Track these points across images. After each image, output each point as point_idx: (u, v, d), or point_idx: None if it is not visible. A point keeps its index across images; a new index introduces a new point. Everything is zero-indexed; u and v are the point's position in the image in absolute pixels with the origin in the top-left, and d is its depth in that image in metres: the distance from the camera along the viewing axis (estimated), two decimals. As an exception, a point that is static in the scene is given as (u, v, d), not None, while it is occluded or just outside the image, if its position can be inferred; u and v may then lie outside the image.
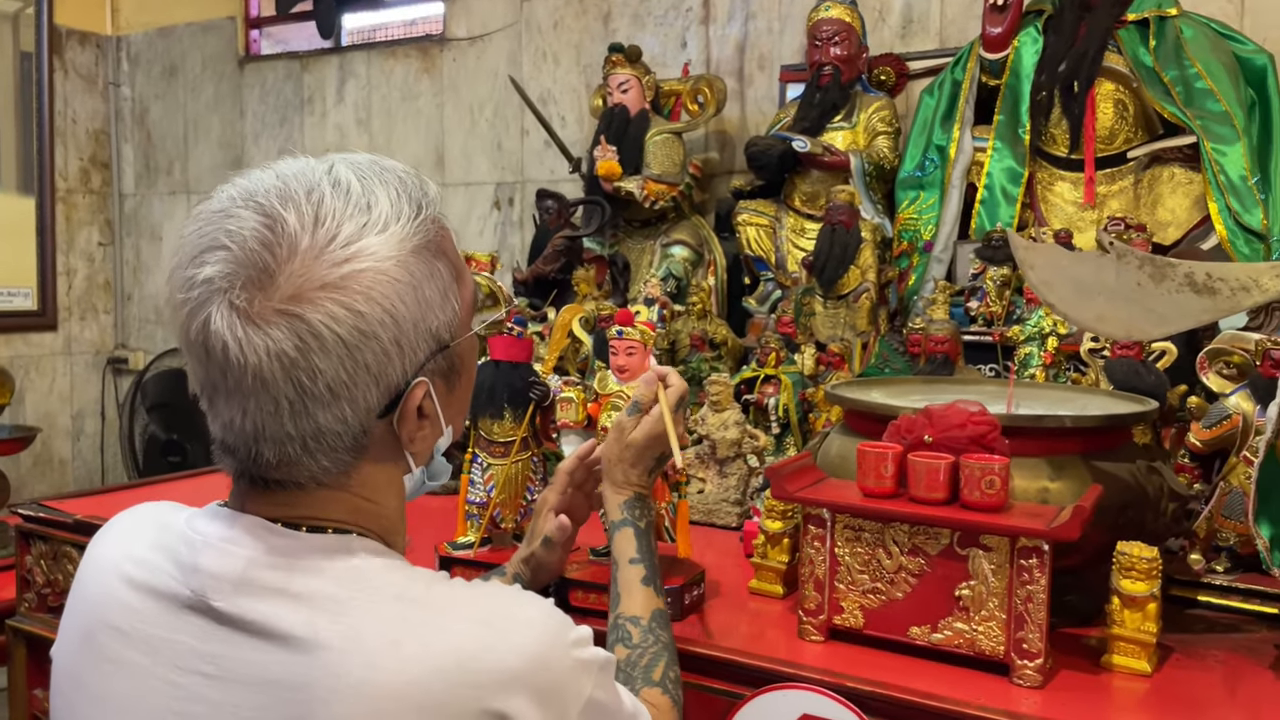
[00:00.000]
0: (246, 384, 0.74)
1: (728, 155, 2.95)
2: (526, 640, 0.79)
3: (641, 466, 1.17)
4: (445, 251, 0.83)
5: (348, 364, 0.75)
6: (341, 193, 0.78)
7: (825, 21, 2.49)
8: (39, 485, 3.98)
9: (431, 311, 0.80)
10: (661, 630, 1.08)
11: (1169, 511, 1.31)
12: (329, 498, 0.82)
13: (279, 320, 0.73)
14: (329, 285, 0.74)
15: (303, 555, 0.79)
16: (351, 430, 0.79)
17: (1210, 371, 1.41)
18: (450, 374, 0.85)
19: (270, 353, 0.73)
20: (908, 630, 1.18)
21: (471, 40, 3.41)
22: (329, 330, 0.74)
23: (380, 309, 0.76)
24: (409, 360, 0.79)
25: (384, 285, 0.76)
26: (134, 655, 0.80)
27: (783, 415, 1.92)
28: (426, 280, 0.79)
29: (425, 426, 0.84)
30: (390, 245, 0.77)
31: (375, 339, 0.76)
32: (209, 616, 0.78)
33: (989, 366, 1.98)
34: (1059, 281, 1.14)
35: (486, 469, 1.40)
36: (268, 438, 0.77)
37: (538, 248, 2.65)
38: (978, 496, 1.14)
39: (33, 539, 1.80)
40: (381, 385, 0.78)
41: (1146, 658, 1.16)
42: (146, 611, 0.80)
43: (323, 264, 0.75)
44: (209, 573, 0.79)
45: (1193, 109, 2.02)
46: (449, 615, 0.78)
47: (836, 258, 2.20)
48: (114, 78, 4.25)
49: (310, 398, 0.75)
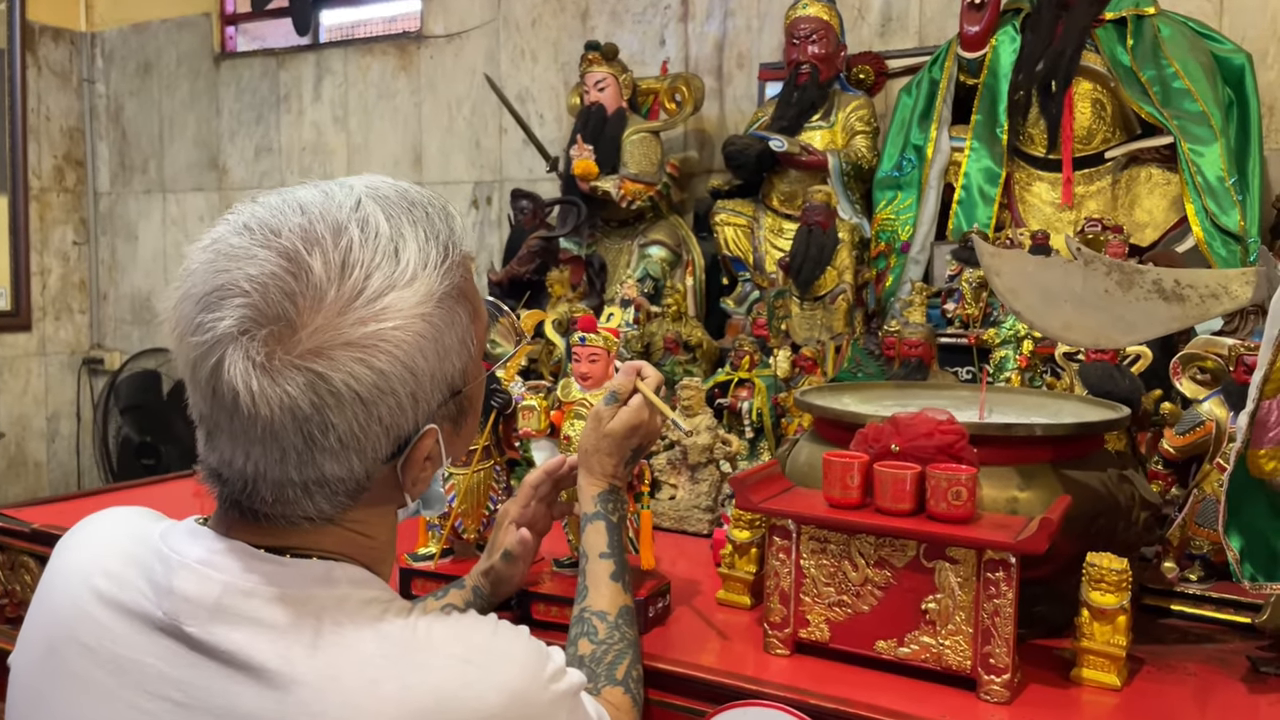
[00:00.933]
0: (255, 432, 0.72)
1: (707, 154, 2.93)
2: (507, 677, 0.77)
3: (618, 456, 1.16)
4: (466, 294, 0.80)
5: (361, 418, 0.73)
6: (370, 236, 0.74)
7: (803, 19, 2.46)
8: (13, 488, 3.93)
9: (449, 360, 0.78)
10: (628, 627, 1.07)
11: (1141, 520, 1.29)
12: (321, 531, 0.79)
13: (296, 376, 0.71)
14: (353, 344, 0.72)
15: (284, 583, 0.76)
16: (356, 477, 0.76)
17: (1184, 377, 1.39)
18: (459, 417, 0.84)
19: (284, 406, 0.71)
20: (874, 644, 1.16)
21: (449, 38, 3.37)
22: (348, 389, 0.71)
23: (401, 366, 0.74)
24: (422, 411, 0.77)
25: (406, 340, 0.74)
26: (100, 675, 0.77)
27: (756, 420, 1.89)
28: (447, 329, 0.77)
29: (428, 468, 0.82)
30: (417, 298, 0.75)
31: (393, 394, 0.74)
32: (181, 641, 0.75)
33: (966, 369, 1.96)
34: (1025, 288, 1.12)
35: (447, 478, 1.37)
36: (268, 481, 0.75)
37: (512, 248, 2.62)
38: (944, 508, 1.12)
39: (-11, 548, 1.76)
40: (392, 436, 0.76)
41: (1116, 671, 1.14)
42: (116, 630, 0.77)
43: (347, 320, 0.72)
44: (184, 596, 0.75)
45: (1170, 109, 2.00)
46: (429, 652, 0.76)
47: (813, 259, 2.18)
48: (88, 74, 4.19)
49: (319, 449, 0.73)
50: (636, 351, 2.15)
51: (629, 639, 1.06)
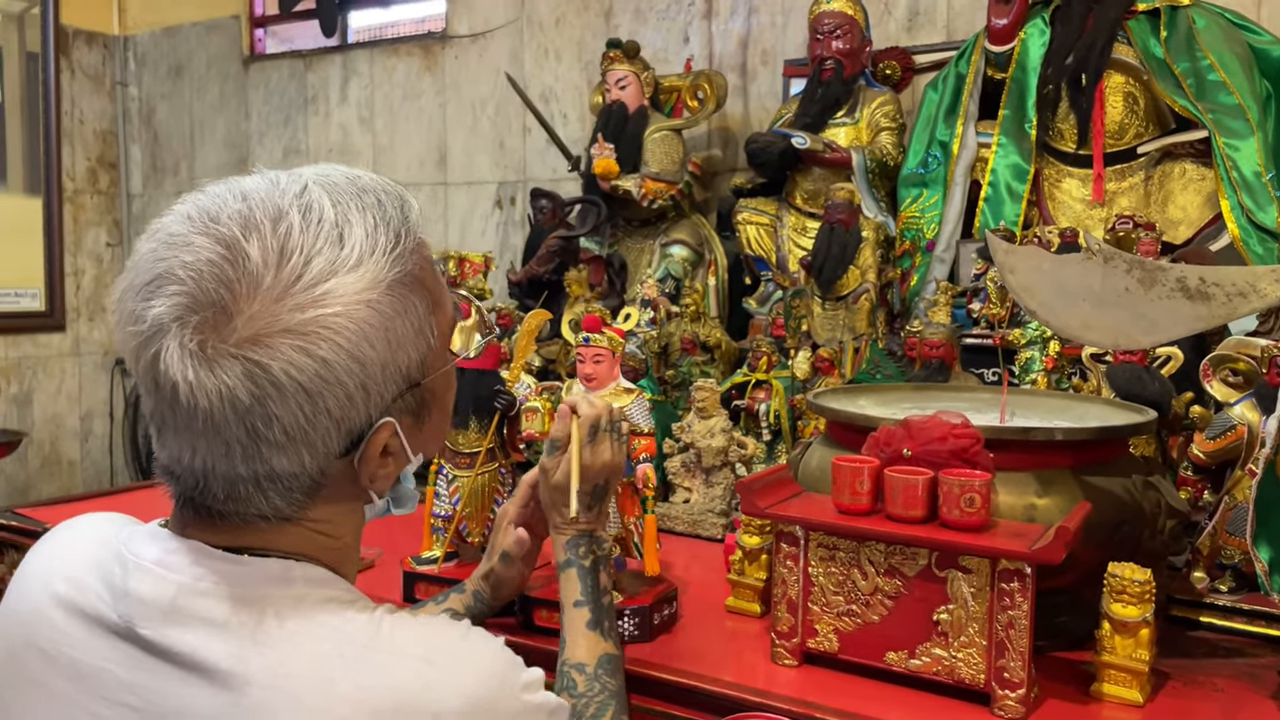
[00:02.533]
0: (197, 425, 0.69)
1: (730, 152, 2.89)
2: (471, 681, 0.74)
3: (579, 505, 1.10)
4: (423, 282, 0.77)
5: (306, 409, 0.70)
6: (312, 222, 0.71)
7: (827, 14, 2.42)
8: (47, 487, 3.98)
9: (403, 350, 0.75)
10: (609, 677, 1.01)
11: (1167, 529, 1.24)
12: (279, 530, 0.76)
13: (234, 365, 0.68)
14: (292, 330, 0.69)
15: (240, 583, 0.74)
16: (308, 472, 0.74)
17: (1214, 379, 1.34)
18: (420, 410, 0.80)
19: (223, 397, 0.68)
20: (884, 656, 1.12)
21: (473, 37, 3.36)
22: (289, 379, 0.68)
23: (346, 355, 0.70)
24: (374, 403, 0.74)
25: (350, 328, 0.70)
26: (59, 682, 0.75)
27: (774, 422, 1.85)
28: (399, 317, 0.74)
29: (389, 464, 0.79)
30: (362, 284, 0.71)
31: (339, 385, 0.71)
32: (136, 645, 0.73)
33: (992, 370, 1.91)
34: (1041, 286, 1.07)
35: (452, 481, 1.35)
36: (218, 476, 0.72)
37: (532, 248, 2.61)
38: (957, 515, 1.08)
39: (4, 548, 1.77)
40: (343, 429, 0.73)
41: (1138, 686, 1.09)
42: (74, 635, 0.76)
43: (286, 306, 0.69)
44: (139, 598, 0.74)
45: (1204, 102, 1.93)
46: (388, 652, 0.73)
47: (835, 258, 2.13)
48: (121, 77, 4.24)
49: (264, 442, 0.70)
50: (654, 352, 2.12)
51: (610, 689, 1.00)
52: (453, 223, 3.45)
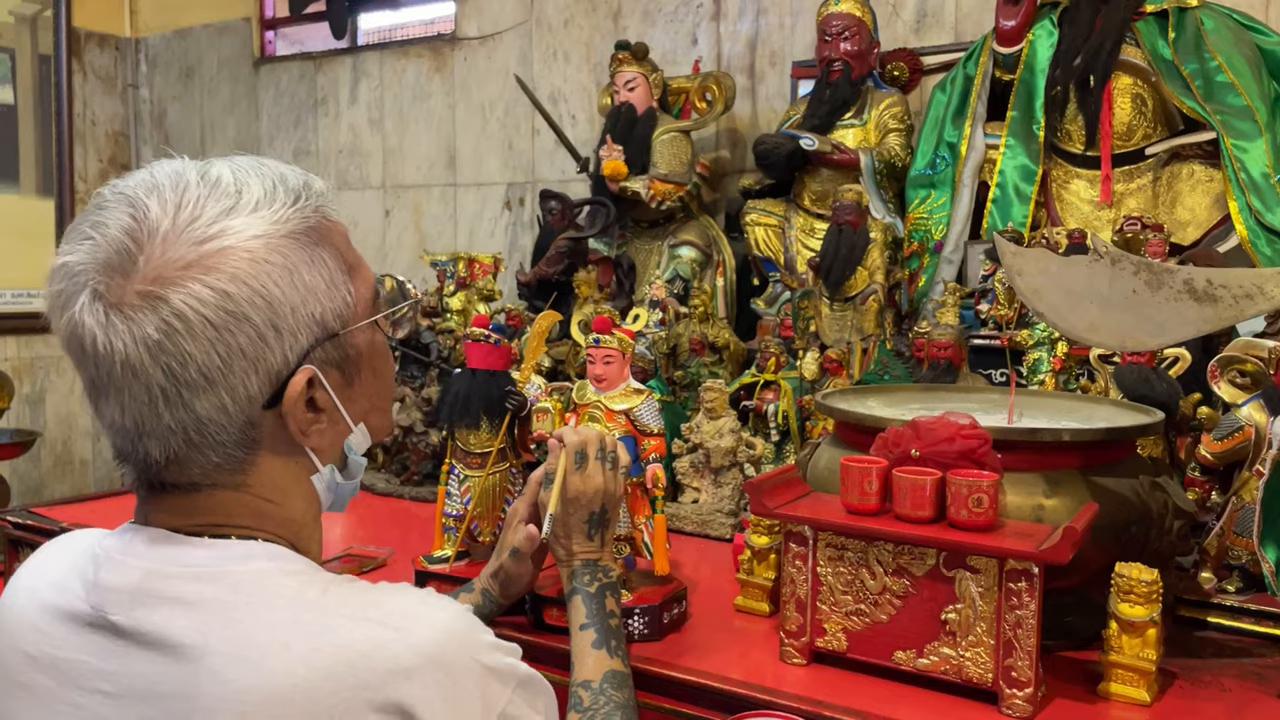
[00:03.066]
0: (118, 375, 0.73)
1: (738, 154, 2.89)
2: (425, 640, 0.74)
3: (578, 535, 1.12)
4: (333, 243, 0.80)
5: (219, 347, 0.73)
6: (209, 183, 0.76)
7: (835, 16, 2.43)
8: (59, 486, 4.01)
9: (314, 297, 0.77)
10: (615, 690, 1.02)
11: (1175, 529, 1.25)
12: (229, 500, 0.79)
13: (142, 304, 0.72)
14: (191, 265, 0.72)
15: (202, 563, 0.76)
16: (235, 421, 0.76)
17: (1222, 380, 1.34)
18: (346, 365, 0.82)
19: (135, 338, 0.71)
20: (892, 655, 1.13)
21: (482, 39, 3.38)
22: (193, 312, 0.72)
23: (249, 289, 0.73)
24: (289, 346, 0.76)
25: (251, 265, 0.73)
26: (42, 679, 0.78)
27: (782, 423, 1.86)
28: (305, 265, 0.77)
29: (321, 420, 0.81)
30: (259, 225, 0.75)
31: (247, 320, 0.73)
32: (109, 632, 0.76)
33: (1000, 371, 1.91)
34: (1048, 288, 1.08)
35: (463, 480, 1.36)
36: (149, 432, 0.75)
37: (542, 249, 2.61)
38: (965, 515, 1.08)
39: (21, 546, 1.79)
40: (261, 372, 0.75)
41: (1146, 686, 1.10)
42: (55, 634, 0.79)
43: (183, 244, 0.72)
44: (108, 587, 0.77)
45: (1213, 104, 1.93)
46: (344, 616, 0.74)
47: (843, 259, 2.14)
48: (132, 79, 4.27)
49: (184, 385, 0.73)
50: (664, 353, 2.13)
51: (616, 701, 1.01)
52: (462, 224, 3.47)
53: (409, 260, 3.56)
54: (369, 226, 3.67)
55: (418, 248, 3.53)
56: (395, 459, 2.17)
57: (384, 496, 2.07)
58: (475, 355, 1.35)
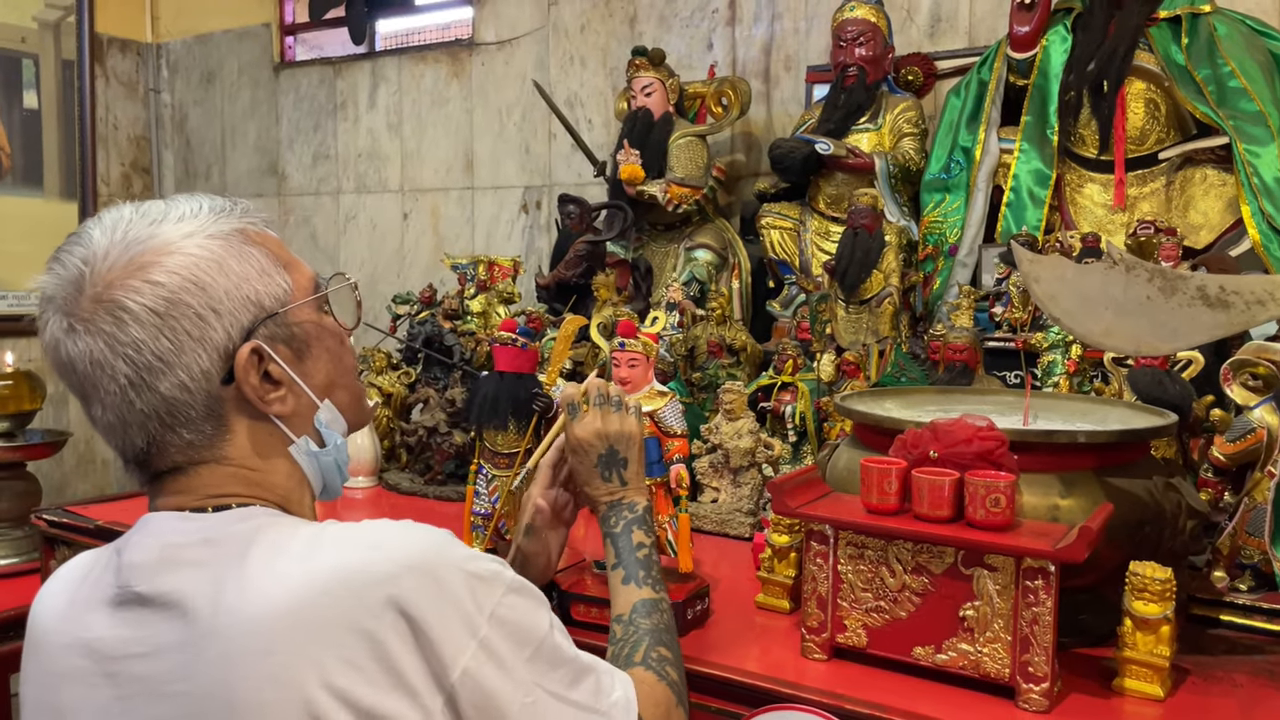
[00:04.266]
0: (90, 373, 0.84)
1: (753, 157, 2.92)
2: (405, 553, 0.81)
3: (594, 480, 1.16)
4: (263, 244, 0.90)
5: (165, 332, 0.83)
6: (141, 211, 0.88)
7: (850, 22, 2.45)
8: (81, 485, 4.07)
9: (247, 283, 0.87)
10: (643, 618, 1.07)
11: (1188, 529, 1.27)
12: (217, 474, 0.88)
13: (95, 308, 0.83)
14: (130, 268, 0.84)
15: (209, 529, 0.85)
16: (198, 398, 0.85)
17: (1235, 383, 1.37)
18: (294, 342, 0.91)
19: (94, 333, 0.83)
20: (911, 650, 1.16)
21: (500, 44, 3.42)
22: (135, 303, 0.83)
23: (180, 278, 0.84)
24: (230, 324, 0.86)
25: (180, 259, 0.85)
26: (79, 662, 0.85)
27: (799, 424, 1.89)
28: (234, 258, 0.87)
29: (281, 390, 0.90)
30: (185, 229, 0.86)
31: (185, 305, 0.84)
32: (135, 604, 0.83)
33: (1014, 374, 1.94)
34: (1064, 294, 1.11)
35: (491, 480, 1.40)
36: (129, 422, 0.85)
37: (560, 253, 2.65)
38: (983, 515, 1.11)
39: (56, 544, 1.83)
40: (208, 350, 0.85)
41: (1159, 682, 1.12)
42: (87, 622, 0.86)
43: (124, 256, 0.84)
44: (130, 564, 0.85)
45: (1225, 109, 1.95)
46: (335, 545, 0.82)
47: (858, 262, 2.17)
48: (154, 84, 4.32)
49: (144, 370, 0.83)
50: (681, 355, 2.16)
51: (644, 628, 1.05)
52: (479, 227, 3.50)
53: (427, 263, 3.60)
54: (387, 229, 3.71)
55: (435, 250, 3.57)
56: (419, 459, 2.21)
57: (408, 496, 2.11)
58: (503, 358, 1.38)
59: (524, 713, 0.82)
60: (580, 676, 0.89)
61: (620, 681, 0.94)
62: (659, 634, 1.05)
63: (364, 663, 0.77)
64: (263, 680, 0.76)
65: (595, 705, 0.89)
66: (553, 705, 0.85)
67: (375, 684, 0.77)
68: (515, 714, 0.82)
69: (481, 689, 0.80)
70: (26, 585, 2.22)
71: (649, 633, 1.05)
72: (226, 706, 0.77)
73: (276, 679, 0.76)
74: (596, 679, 0.91)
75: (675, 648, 1.06)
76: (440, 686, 0.79)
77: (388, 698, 0.77)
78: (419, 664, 0.78)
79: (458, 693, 0.79)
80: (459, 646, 0.79)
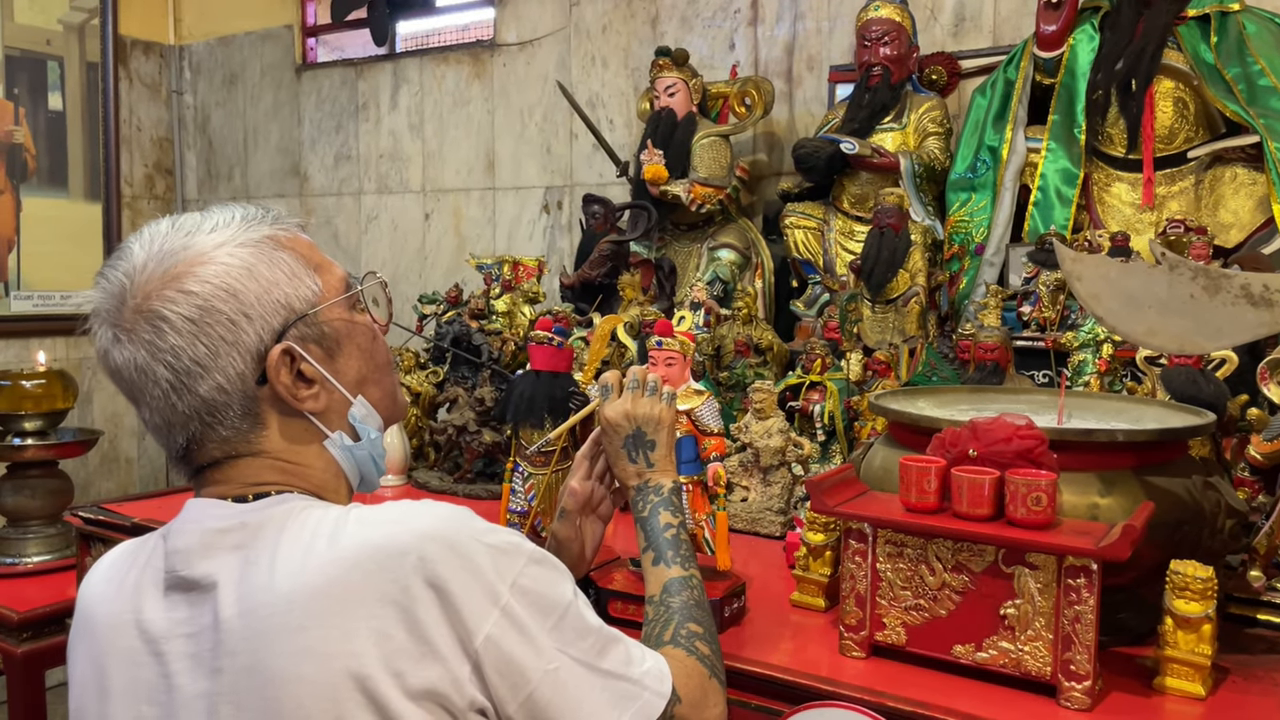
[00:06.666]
0: (134, 378, 0.89)
1: (776, 157, 2.93)
2: (426, 525, 0.84)
3: (622, 461, 1.18)
4: (293, 249, 0.94)
5: (201, 337, 0.87)
6: (177, 224, 0.92)
7: (874, 21, 2.46)
8: (105, 484, 4.10)
9: (278, 287, 0.91)
10: (672, 597, 1.08)
11: (1227, 528, 1.27)
12: (255, 465, 0.92)
13: (135, 319, 0.88)
14: (165, 279, 0.88)
15: (247, 514, 0.88)
16: (235, 399, 0.90)
17: (1271, 382, 1.37)
18: (325, 341, 0.94)
19: (136, 342, 0.88)
20: (951, 649, 1.16)
21: (521, 45, 3.43)
22: (171, 312, 0.87)
23: (212, 287, 0.88)
24: (262, 328, 0.90)
25: (212, 268, 0.88)
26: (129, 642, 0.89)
27: (828, 423, 1.90)
28: (265, 264, 0.91)
29: (314, 387, 0.93)
30: (217, 239, 0.90)
31: (217, 312, 0.88)
32: (180, 587, 0.88)
33: (1042, 373, 1.94)
34: (1107, 294, 1.11)
35: (527, 478, 1.41)
36: (174, 424, 0.90)
37: (584, 253, 2.66)
38: (1024, 513, 1.11)
39: (92, 540, 1.85)
40: (242, 352, 0.89)
41: (1200, 680, 1.12)
42: (138, 605, 0.90)
43: (160, 268, 0.89)
44: (175, 550, 0.89)
45: (1256, 107, 1.95)
46: (359, 523, 0.85)
47: (884, 261, 2.17)
48: (177, 86, 4.35)
49: (184, 374, 0.88)
50: (707, 355, 2.16)
51: (673, 606, 1.06)
52: (500, 226, 3.52)
53: (449, 262, 3.62)
54: (409, 230, 3.73)
55: (457, 250, 3.58)
56: (447, 457, 2.22)
57: (438, 494, 2.12)
58: (539, 357, 1.39)
59: (546, 679, 0.84)
60: (608, 646, 0.90)
61: (651, 654, 0.95)
62: (689, 610, 1.06)
63: (395, 632, 0.80)
64: (299, 654, 0.79)
65: (626, 673, 0.90)
66: (578, 672, 0.86)
67: (408, 653, 0.80)
68: (538, 681, 0.83)
69: (504, 655, 0.82)
70: (61, 582, 2.24)
71: (679, 610, 1.06)
72: (266, 682, 0.80)
73: (313, 652, 0.79)
74: (626, 649, 0.92)
75: (707, 623, 1.06)
76: (466, 654, 0.81)
77: (420, 665, 0.80)
78: (447, 632, 0.81)
79: (482, 659, 0.81)
80: (482, 614, 0.82)
